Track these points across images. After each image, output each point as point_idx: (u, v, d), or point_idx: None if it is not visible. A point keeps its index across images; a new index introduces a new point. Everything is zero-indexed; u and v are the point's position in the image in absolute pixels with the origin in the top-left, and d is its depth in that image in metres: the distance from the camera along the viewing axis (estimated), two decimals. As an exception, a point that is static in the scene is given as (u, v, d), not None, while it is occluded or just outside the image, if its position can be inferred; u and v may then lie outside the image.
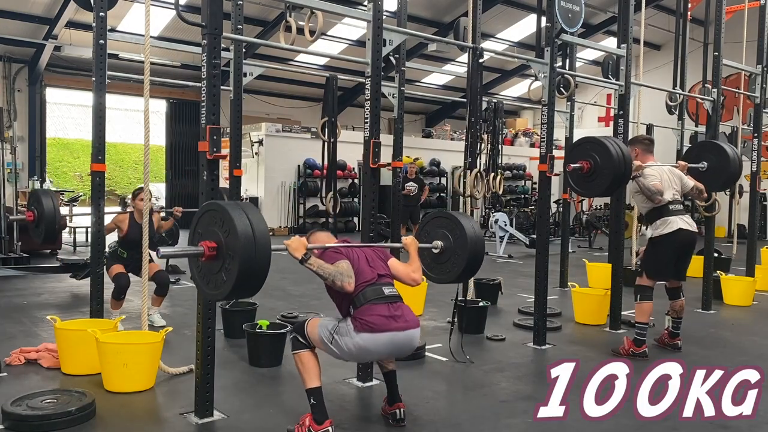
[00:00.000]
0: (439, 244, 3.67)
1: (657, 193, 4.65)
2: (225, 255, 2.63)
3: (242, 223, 2.57)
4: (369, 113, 3.92)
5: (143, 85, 3.84)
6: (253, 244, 2.58)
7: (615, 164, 4.47)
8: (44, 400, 3.30)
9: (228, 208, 2.62)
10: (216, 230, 2.65)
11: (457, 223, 3.62)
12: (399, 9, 5.96)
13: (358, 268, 3.13)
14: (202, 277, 2.79)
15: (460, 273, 3.65)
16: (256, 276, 2.66)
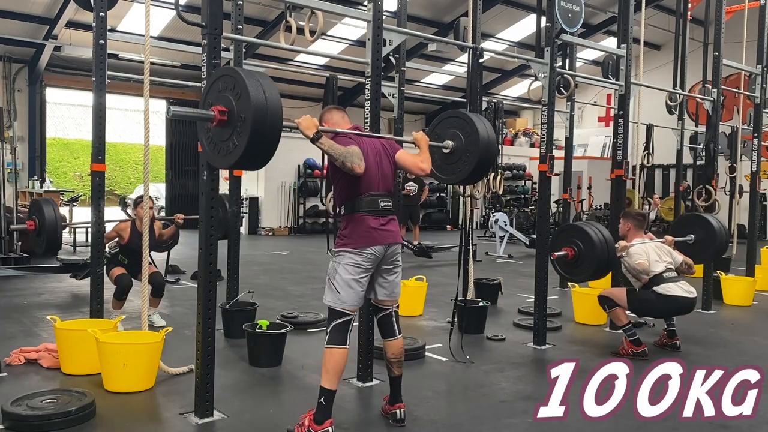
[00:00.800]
0: (450, 143, 3.63)
1: (643, 273, 4.68)
2: (236, 120, 2.58)
3: (255, 88, 2.52)
4: (369, 113, 3.92)
5: (143, 85, 3.83)
6: (265, 109, 2.53)
7: (598, 251, 4.51)
8: (44, 400, 3.30)
9: (242, 73, 2.59)
10: (228, 95, 2.60)
11: (468, 122, 3.57)
12: (399, 9, 5.95)
13: (366, 162, 3.12)
14: (212, 144, 2.75)
15: (470, 172, 3.62)
16: (267, 143, 2.60)
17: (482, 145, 3.53)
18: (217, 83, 2.71)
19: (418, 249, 10.37)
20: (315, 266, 9.31)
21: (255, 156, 2.67)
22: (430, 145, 3.52)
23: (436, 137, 3.72)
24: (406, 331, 5.32)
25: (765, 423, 3.41)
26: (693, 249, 5.61)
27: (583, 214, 14.19)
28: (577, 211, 14.24)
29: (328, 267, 3.21)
